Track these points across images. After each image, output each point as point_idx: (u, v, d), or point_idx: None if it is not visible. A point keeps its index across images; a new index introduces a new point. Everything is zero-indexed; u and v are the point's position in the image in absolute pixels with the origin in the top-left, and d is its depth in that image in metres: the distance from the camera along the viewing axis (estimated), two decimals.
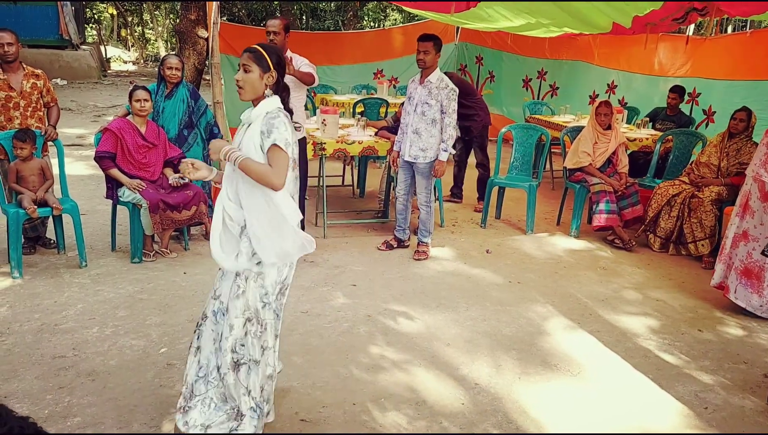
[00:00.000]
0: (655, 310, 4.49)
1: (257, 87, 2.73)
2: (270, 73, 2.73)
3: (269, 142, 2.63)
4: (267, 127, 2.65)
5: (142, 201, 4.75)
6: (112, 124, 4.87)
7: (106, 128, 4.87)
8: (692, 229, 5.49)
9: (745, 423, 3.19)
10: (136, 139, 4.87)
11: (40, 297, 4.26)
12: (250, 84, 2.72)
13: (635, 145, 6.65)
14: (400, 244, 5.52)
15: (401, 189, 5.37)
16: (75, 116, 12.27)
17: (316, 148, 5.45)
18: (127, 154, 4.85)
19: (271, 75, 2.74)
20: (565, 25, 6.59)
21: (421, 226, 5.37)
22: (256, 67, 2.71)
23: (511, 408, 3.21)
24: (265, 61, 2.72)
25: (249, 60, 2.71)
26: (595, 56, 9.57)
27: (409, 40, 11.10)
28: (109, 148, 4.83)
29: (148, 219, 4.80)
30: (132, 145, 4.85)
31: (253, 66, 2.71)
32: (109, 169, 4.83)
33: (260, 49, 2.74)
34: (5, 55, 4.71)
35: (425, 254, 5.32)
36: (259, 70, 2.71)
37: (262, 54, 2.72)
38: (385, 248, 5.46)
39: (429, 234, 5.36)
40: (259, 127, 2.67)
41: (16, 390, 3.17)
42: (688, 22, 5.79)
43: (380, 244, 5.53)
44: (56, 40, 18.25)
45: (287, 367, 3.48)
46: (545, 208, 6.91)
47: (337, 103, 8.65)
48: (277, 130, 2.63)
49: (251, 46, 2.77)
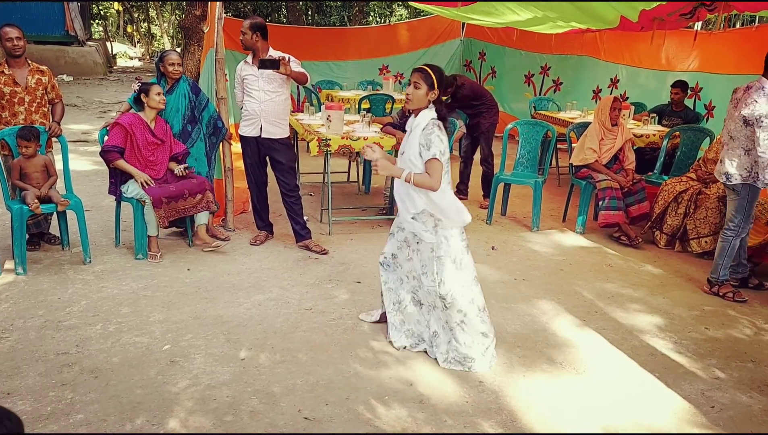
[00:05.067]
0: (661, 308, 4.45)
1: (422, 101, 3.38)
2: (434, 91, 3.37)
3: (429, 155, 3.29)
4: (425, 141, 3.30)
5: (146, 196, 4.74)
6: (123, 119, 4.83)
7: (116, 122, 4.83)
8: (696, 226, 5.45)
9: (753, 422, 3.16)
10: (146, 135, 4.85)
11: (44, 293, 4.26)
12: (417, 98, 3.37)
13: (642, 141, 6.60)
14: None
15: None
16: (80, 112, 12.30)
17: (320, 144, 5.43)
18: (135, 151, 4.83)
19: (434, 92, 3.37)
20: (572, 19, 6.54)
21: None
22: (424, 85, 3.35)
23: (516, 406, 3.19)
24: (432, 81, 3.35)
25: (419, 78, 3.35)
26: (602, 51, 9.52)
27: (414, 36, 11.08)
28: (118, 142, 4.79)
29: (152, 217, 4.79)
30: (142, 142, 4.82)
31: (422, 84, 3.35)
32: (116, 161, 4.79)
33: (429, 70, 3.36)
34: (14, 49, 4.72)
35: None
36: (426, 88, 3.35)
37: (430, 74, 3.35)
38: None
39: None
40: (418, 138, 3.33)
41: (19, 387, 3.17)
42: (696, 18, 5.73)
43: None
44: (62, 36, 18.30)
45: (290, 364, 3.47)
46: (551, 205, 6.87)
47: (342, 98, 8.63)
48: (434, 145, 3.28)
49: (422, 66, 3.40)
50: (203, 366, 3.43)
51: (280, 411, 3.06)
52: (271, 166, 5.23)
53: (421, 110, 3.39)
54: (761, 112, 4.18)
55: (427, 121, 3.34)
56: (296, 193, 5.22)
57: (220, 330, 3.84)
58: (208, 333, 3.80)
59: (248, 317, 4.03)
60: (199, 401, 3.11)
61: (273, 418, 3.00)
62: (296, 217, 5.22)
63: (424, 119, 3.35)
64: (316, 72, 10.12)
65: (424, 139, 3.29)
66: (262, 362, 3.49)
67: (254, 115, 5.02)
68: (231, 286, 4.50)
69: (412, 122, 3.43)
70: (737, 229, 4.49)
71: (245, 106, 5.06)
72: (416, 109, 3.40)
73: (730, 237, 4.52)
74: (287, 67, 4.72)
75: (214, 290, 4.42)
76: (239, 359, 3.51)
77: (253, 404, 3.11)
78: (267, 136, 5.05)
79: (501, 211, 6.52)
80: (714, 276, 4.66)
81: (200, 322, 3.94)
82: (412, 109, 3.41)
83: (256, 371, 3.40)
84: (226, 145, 5.52)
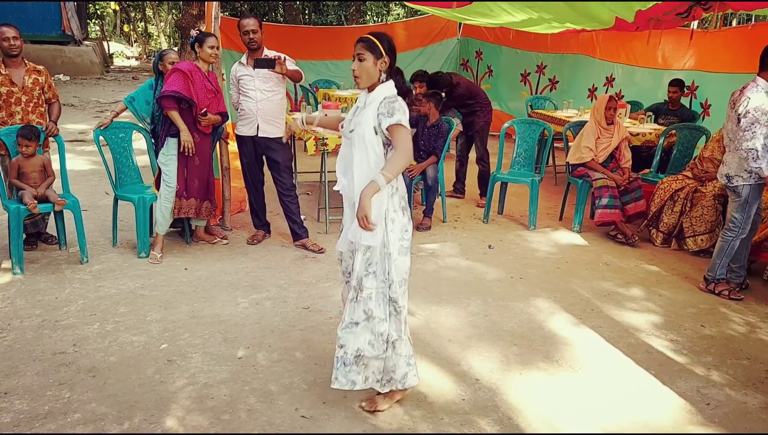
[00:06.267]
0: (657, 306, 4.47)
1: (372, 74, 2.86)
2: (383, 59, 2.85)
3: (392, 121, 2.75)
4: (388, 110, 2.78)
5: (173, 181, 4.83)
6: (181, 65, 4.75)
7: (175, 68, 4.72)
8: (692, 224, 5.47)
9: (748, 419, 3.17)
10: (204, 82, 4.81)
11: (41, 293, 4.26)
12: (365, 72, 2.85)
13: (638, 139, 6.62)
14: None
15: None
16: (77, 112, 12.28)
17: (317, 143, 5.44)
18: (196, 97, 4.72)
19: (384, 60, 2.86)
20: (567, 20, 6.55)
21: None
22: (370, 55, 2.84)
23: (513, 404, 3.20)
24: (378, 48, 2.84)
25: (362, 49, 2.84)
26: (598, 50, 9.53)
27: (411, 35, 11.07)
28: (178, 88, 4.64)
29: (166, 212, 4.87)
30: (200, 87, 4.75)
31: (366, 54, 2.84)
32: (171, 111, 4.68)
33: (372, 37, 2.86)
34: (11, 49, 4.71)
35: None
36: (372, 58, 2.84)
37: (374, 42, 2.84)
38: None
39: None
40: (375, 110, 2.80)
41: (16, 386, 3.17)
42: (692, 18, 5.75)
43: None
44: (59, 35, 18.27)
45: (288, 362, 3.48)
46: (548, 204, 6.89)
47: (339, 98, 8.63)
48: (399, 111, 2.77)
49: (362, 36, 2.89)
50: (200, 365, 3.43)
51: (278, 409, 3.06)
52: (267, 165, 5.24)
53: (375, 86, 2.88)
54: (752, 106, 4.19)
55: (390, 93, 2.85)
56: (293, 192, 5.23)
57: (218, 329, 3.85)
58: (205, 332, 3.81)
59: (245, 316, 4.04)
60: (196, 400, 3.12)
61: (270, 417, 3.01)
62: (293, 216, 5.23)
63: (380, 94, 2.84)
64: (313, 71, 10.11)
65: (386, 107, 2.78)
66: (260, 361, 3.50)
67: (251, 115, 5.03)
68: (228, 285, 4.50)
69: (365, 98, 2.91)
70: (737, 230, 4.51)
71: (241, 106, 5.07)
72: (370, 87, 2.90)
73: (730, 238, 4.54)
74: (283, 67, 4.73)
75: (211, 289, 4.43)
76: (237, 358, 3.52)
77: (250, 403, 3.11)
78: (264, 135, 5.06)
79: (498, 210, 6.53)
80: (711, 274, 4.68)
81: (197, 321, 3.95)
82: (363, 87, 2.91)
83: (254, 370, 3.41)
84: (222, 144, 5.53)
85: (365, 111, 2.85)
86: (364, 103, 2.91)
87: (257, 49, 4.93)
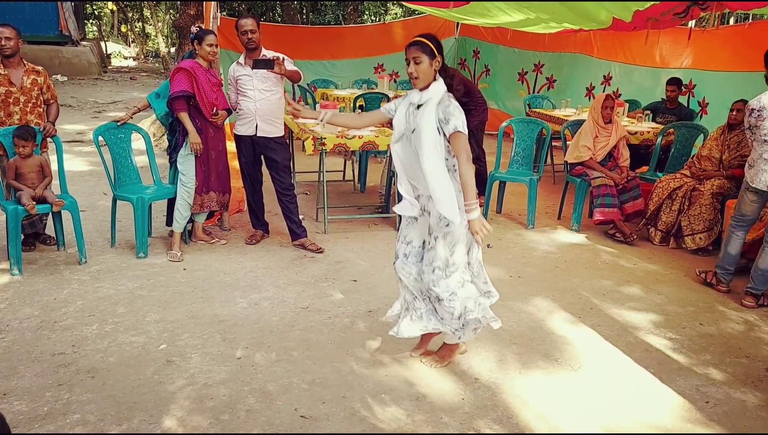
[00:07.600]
0: (656, 304, 4.48)
1: (429, 74, 3.05)
2: (437, 59, 3.05)
3: (449, 129, 3.00)
4: (444, 116, 3.00)
5: (191, 183, 4.91)
6: (184, 63, 4.83)
7: (179, 67, 4.81)
8: (690, 222, 5.48)
9: (747, 417, 3.18)
10: (208, 76, 4.87)
11: (40, 294, 4.26)
12: (423, 73, 3.03)
13: (636, 138, 6.62)
14: None
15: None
16: (75, 112, 12.27)
17: (316, 142, 5.43)
18: (202, 92, 4.79)
19: (437, 60, 3.05)
20: (564, 20, 6.55)
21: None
22: (426, 57, 3.01)
23: (512, 402, 3.20)
24: (431, 50, 3.03)
25: (418, 52, 3.02)
26: (595, 49, 9.54)
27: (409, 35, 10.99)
28: (185, 87, 4.74)
29: (185, 209, 4.95)
30: (205, 82, 4.82)
31: (422, 57, 3.01)
32: (181, 112, 4.78)
33: (424, 40, 3.04)
34: (3, 49, 4.69)
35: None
36: (428, 59, 3.02)
37: (427, 44, 3.03)
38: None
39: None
40: (434, 112, 3.01)
41: (15, 387, 3.17)
42: (690, 17, 5.75)
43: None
44: (56, 36, 18.25)
45: (287, 362, 3.48)
46: (546, 203, 6.89)
47: (337, 97, 8.64)
48: (454, 116, 3.00)
49: (414, 39, 3.07)
50: (200, 365, 3.43)
51: (277, 409, 3.06)
52: (266, 165, 5.23)
53: (430, 84, 3.07)
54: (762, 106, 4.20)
55: (441, 95, 3.05)
56: (291, 191, 5.22)
57: (217, 329, 3.85)
58: (204, 332, 3.80)
59: (244, 316, 4.03)
60: (195, 400, 3.12)
61: (270, 417, 3.01)
62: (292, 216, 5.23)
63: (437, 92, 3.04)
64: (311, 71, 10.12)
65: (443, 113, 3.00)
66: (259, 361, 3.50)
67: (250, 114, 5.02)
68: (227, 286, 4.50)
69: (420, 97, 3.08)
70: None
71: (240, 106, 5.06)
72: (425, 86, 3.08)
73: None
74: (282, 67, 4.73)
75: (210, 289, 4.42)
76: (236, 358, 3.52)
77: (249, 403, 3.11)
78: (262, 134, 5.06)
79: (496, 209, 6.54)
80: (758, 289, 4.50)
81: (196, 321, 3.95)
82: (422, 87, 3.07)
83: (253, 370, 3.41)
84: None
85: (425, 111, 3.03)
86: (418, 101, 3.08)
87: (255, 49, 4.93)
